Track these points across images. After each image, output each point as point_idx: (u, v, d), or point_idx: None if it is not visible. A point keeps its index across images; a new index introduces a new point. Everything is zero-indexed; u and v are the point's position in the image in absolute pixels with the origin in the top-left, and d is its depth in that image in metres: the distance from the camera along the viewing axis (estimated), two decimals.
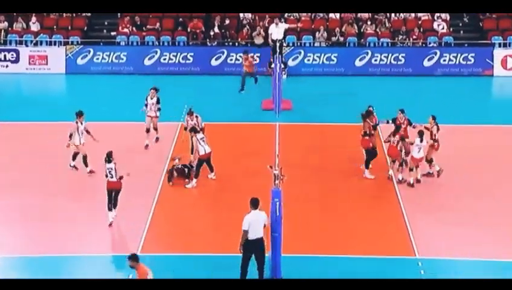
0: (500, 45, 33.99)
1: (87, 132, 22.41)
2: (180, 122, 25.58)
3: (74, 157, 22.53)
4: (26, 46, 34.19)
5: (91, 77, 33.01)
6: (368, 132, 22.09)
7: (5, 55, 33.80)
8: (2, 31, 34.62)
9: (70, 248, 18.40)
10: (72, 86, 32.88)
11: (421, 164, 21.77)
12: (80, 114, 22.33)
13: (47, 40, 34.31)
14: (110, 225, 19.31)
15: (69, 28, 35.27)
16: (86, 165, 22.41)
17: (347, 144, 24.20)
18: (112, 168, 19.22)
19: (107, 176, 19.34)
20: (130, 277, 16.94)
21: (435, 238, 18.70)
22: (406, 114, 22.41)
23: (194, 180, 21.83)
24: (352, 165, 22.71)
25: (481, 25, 35.52)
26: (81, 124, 22.24)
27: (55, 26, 35.23)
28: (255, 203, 16.62)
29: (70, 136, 22.15)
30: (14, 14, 35.26)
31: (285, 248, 17.00)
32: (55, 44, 34.26)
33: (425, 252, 18.10)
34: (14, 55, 33.83)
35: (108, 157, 19.23)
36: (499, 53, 33.57)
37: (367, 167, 22.21)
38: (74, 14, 35.57)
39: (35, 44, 34.27)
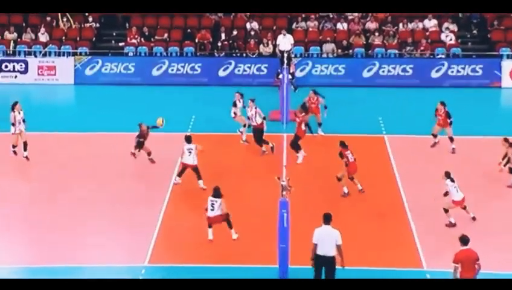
0: (508, 56, 33.86)
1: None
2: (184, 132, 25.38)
3: None
4: (35, 56, 34.15)
5: (99, 88, 32.94)
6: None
7: (14, 66, 33.71)
8: (12, 41, 34.61)
9: (76, 258, 18.38)
10: (81, 96, 32.82)
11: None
12: None
13: (56, 51, 34.30)
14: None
15: (78, 38, 35.24)
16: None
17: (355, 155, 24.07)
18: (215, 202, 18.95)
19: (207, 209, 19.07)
20: None
21: (443, 250, 18.50)
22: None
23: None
24: (358, 175, 22.56)
25: (489, 36, 35.39)
26: None
27: (63, 37, 35.21)
28: (326, 219, 16.12)
29: None
30: (24, 24, 35.30)
31: (293, 259, 16.87)
32: (63, 55, 34.24)
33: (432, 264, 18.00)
34: (23, 65, 33.75)
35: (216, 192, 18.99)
36: (507, 64, 33.44)
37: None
38: (83, 25, 35.57)
39: (44, 55, 34.24)
